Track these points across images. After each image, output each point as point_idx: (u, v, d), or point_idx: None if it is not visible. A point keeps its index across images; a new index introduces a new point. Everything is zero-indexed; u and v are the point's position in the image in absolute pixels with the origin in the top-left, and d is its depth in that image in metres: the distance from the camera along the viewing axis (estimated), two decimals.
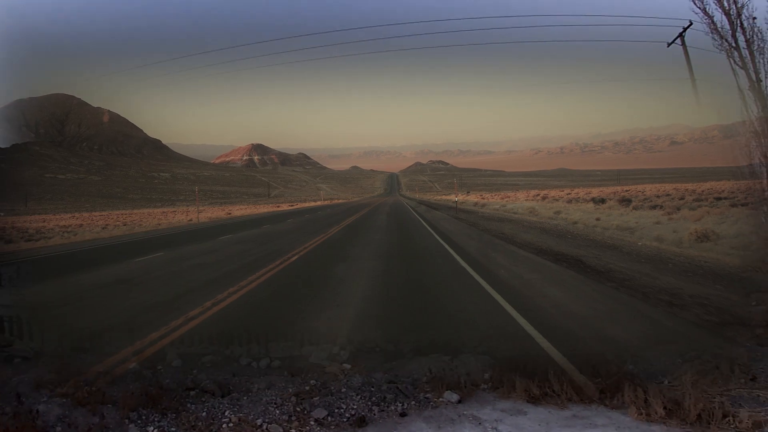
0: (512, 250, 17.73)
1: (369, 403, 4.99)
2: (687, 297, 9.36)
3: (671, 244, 17.45)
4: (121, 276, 14.37)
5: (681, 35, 13.80)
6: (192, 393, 5.23)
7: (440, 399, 5.09)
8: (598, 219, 28.46)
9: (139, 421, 4.62)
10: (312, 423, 4.66)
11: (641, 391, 4.80)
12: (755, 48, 10.70)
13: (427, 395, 5.16)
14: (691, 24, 13.02)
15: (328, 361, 6.27)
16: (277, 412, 4.79)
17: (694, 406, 4.53)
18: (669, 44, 14.13)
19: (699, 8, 11.29)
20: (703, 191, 54.64)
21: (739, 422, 4.38)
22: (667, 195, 52.82)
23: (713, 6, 11.13)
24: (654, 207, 34.30)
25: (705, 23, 11.24)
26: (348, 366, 6.00)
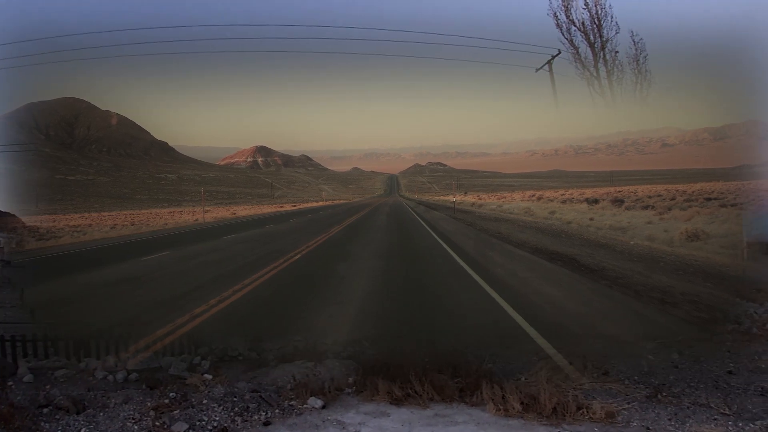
0: (509, 249, 17.71)
1: (231, 413, 4.77)
2: (678, 294, 9.35)
3: (662, 243, 17.44)
4: (128, 274, 14.36)
5: (549, 62, 14.25)
6: (45, 410, 4.84)
7: (304, 405, 4.94)
8: (591, 219, 28.45)
9: None
10: None
11: (498, 388, 4.88)
12: (614, 79, 11.34)
13: (292, 402, 5.00)
14: (560, 53, 13.55)
15: (188, 372, 5.87)
16: (136, 427, 4.55)
17: (549, 400, 4.64)
18: (537, 69, 14.62)
19: (567, 39, 11.89)
20: (693, 192, 54.68)
21: (593, 413, 4.53)
22: (659, 196, 52.83)
23: (580, 38, 11.68)
24: (646, 207, 34.32)
25: (571, 53, 11.88)
26: (209, 377, 5.66)
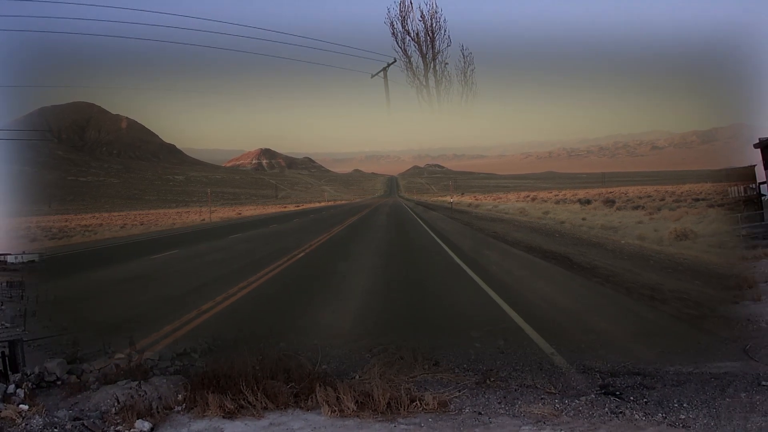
0: (504, 248, 17.70)
1: None
2: (668, 292, 9.34)
3: (652, 242, 17.42)
4: (137, 272, 14.36)
5: (385, 69, 14.25)
6: None
7: (132, 430, 4.52)
8: (584, 219, 28.42)
9: None
10: None
11: (332, 390, 4.75)
12: (442, 89, 11.52)
13: (118, 428, 4.57)
14: (395, 61, 13.63)
15: (2, 403, 5.12)
16: None
17: (382, 396, 4.58)
18: (373, 76, 14.61)
19: (401, 48, 12.04)
20: (682, 193, 54.64)
21: (426, 404, 4.53)
22: (649, 196, 52.78)
23: (413, 48, 11.82)
24: (636, 208, 34.26)
25: (404, 62, 12.05)
26: (25, 407, 4.99)
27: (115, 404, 4.93)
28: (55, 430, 4.55)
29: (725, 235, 15.88)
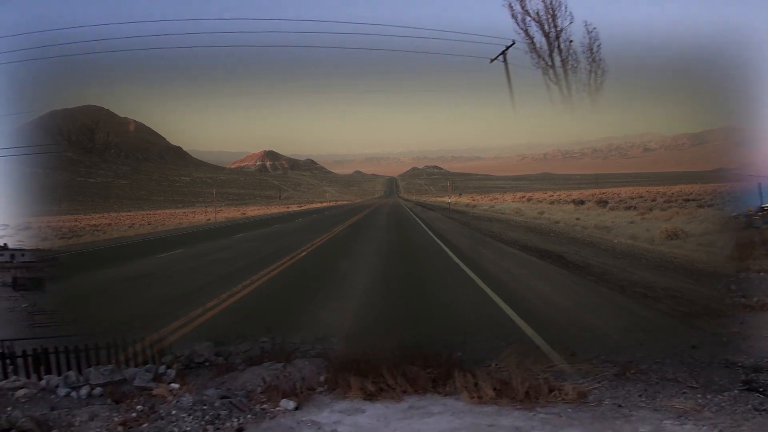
0: (500, 247, 17.70)
1: (202, 422, 4.35)
2: (659, 290, 9.34)
3: (644, 241, 17.42)
4: (145, 270, 14.36)
5: (504, 53, 13.75)
6: None
7: (277, 408, 4.57)
8: (578, 219, 28.42)
9: None
10: None
11: (470, 376, 4.68)
12: (569, 67, 11.06)
13: (264, 406, 4.62)
14: (514, 43, 13.11)
15: (154, 382, 5.41)
16: None
17: (521, 384, 4.48)
18: (492, 60, 14.05)
19: (522, 29, 11.58)
20: (673, 194, 54.61)
21: (565, 394, 4.38)
22: (641, 197, 52.74)
23: (535, 28, 11.41)
24: (629, 208, 34.25)
25: (526, 43, 11.59)
26: (176, 386, 5.19)
27: (261, 384, 5.03)
28: (205, 407, 4.64)
29: (715, 235, 15.87)
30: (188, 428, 4.26)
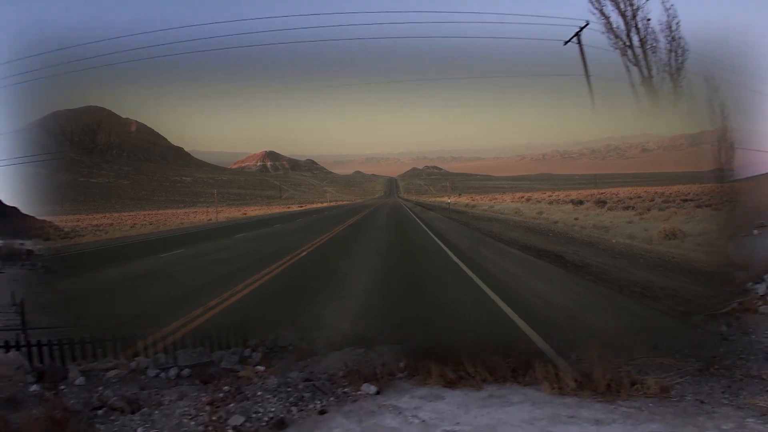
0: (500, 247, 17.69)
1: (287, 404, 4.50)
2: (658, 289, 9.34)
3: (642, 241, 17.42)
4: (147, 270, 14.35)
5: (578, 34, 13.22)
6: (100, 412, 4.54)
7: (358, 392, 4.66)
8: (576, 219, 28.42)
9: None
10: (230, 431, 4.18)
11: (551, 367, 4.64)
12: (648, 47, 10.56)
13: (345, 390, 4.72)
14: (588, 24, 12.55)
15: (240, 365, 5.60)
16: (192, 423, 4.26)
17: (602, 377, 4.42)
18: (566, 42, 13.44)
19: (596, 9, 11.04)
20: (671, 194, 54.53)
21: (647, 389, 4.30)
22: (639, 197, 52.67)
23: (610, 7, 10.90)
24: (627, 208, 34.23)
25: (601, 23, 11.04)
26: (261, 368, 5.37)
27: (343, 368, 5.15)
28: (289, 389, 4.81)
29: (712, 234, 15.87)
30: (273, 409, 4.43)
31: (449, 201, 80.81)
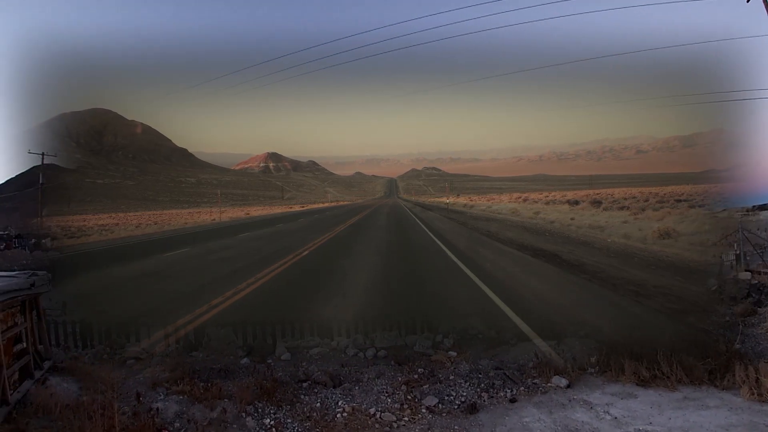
0: (498, 246, 17.70)
1: (478, 389, 4.54)
2: (651, 287, 9.35)
3: (637, 240, 17.44)
4: (152, 269, 14.36)
5: None
6: (305, 385, 4.85)
7: (548, 384, 4.60)
8: (572, 219, 28.43)
9: (255, 414, 4.23)
10: (424, 411, 4.26)
11: (752, 371, 4.25)
12: None
13: (535, 381, 4.68)
14: None
15: (432, 349, 5.75)
16: (389, 400, 4.42)
17: None
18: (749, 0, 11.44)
19: None
20: (665, 194, 54.56)
21: None
22: (634, 197, 52.72)
23: None
24: (622, 208, 34.24)
25: None
26: (454, 354, 5.46)
27: (533, 359, 5.11)
28: (480, 375, 4.86)
29: (705, 234, 15.88)
30: (464, 393, 4.49)
31: (448, 201, 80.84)
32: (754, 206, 18.07)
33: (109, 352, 6.21)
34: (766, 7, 10.08)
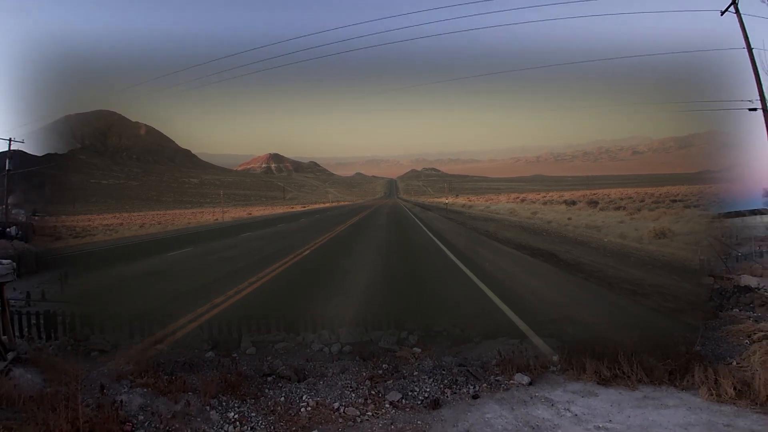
0: (496, 246, 17.68)
1: (441, 385, 4.60)
2: (647, 286, 9.34)
3: (633, 240, 17.43)
4: (156, 268, 14.34)
5: (734, 2, 11.71)
6: (269, 379, 4.84)
7: (511, 381, 4.66)
8: (569, 219, 28.41)
9: (219, 408, 4.24)
10: (387, 405, 4.30)
11: (711, 372, 4.31)
12: None
13: (498, 378, 4.72)
14: None
15: (397, 345, 5.77)
16: (353, 395, 4.45)
17: (764, 386, 4.06)
18: (723, 12, 11.86)
19: None
20: (660, 195, 54.50)
21: None
22: (630, 198, 52.65)
23: None
24: (618, 208, 34.21)
25: None
26: (418, 350, 5.51)
27: (496, 357, 5.15)
28: (443, 372, 4.89)
29: (700, 234, 15.87)
30: (428, 389, 4.52)
31: (447, 201, 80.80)
32: (720, 213, 18.02)
33: (72, 344, 6.18)
34: (740, 23, 10.47)
